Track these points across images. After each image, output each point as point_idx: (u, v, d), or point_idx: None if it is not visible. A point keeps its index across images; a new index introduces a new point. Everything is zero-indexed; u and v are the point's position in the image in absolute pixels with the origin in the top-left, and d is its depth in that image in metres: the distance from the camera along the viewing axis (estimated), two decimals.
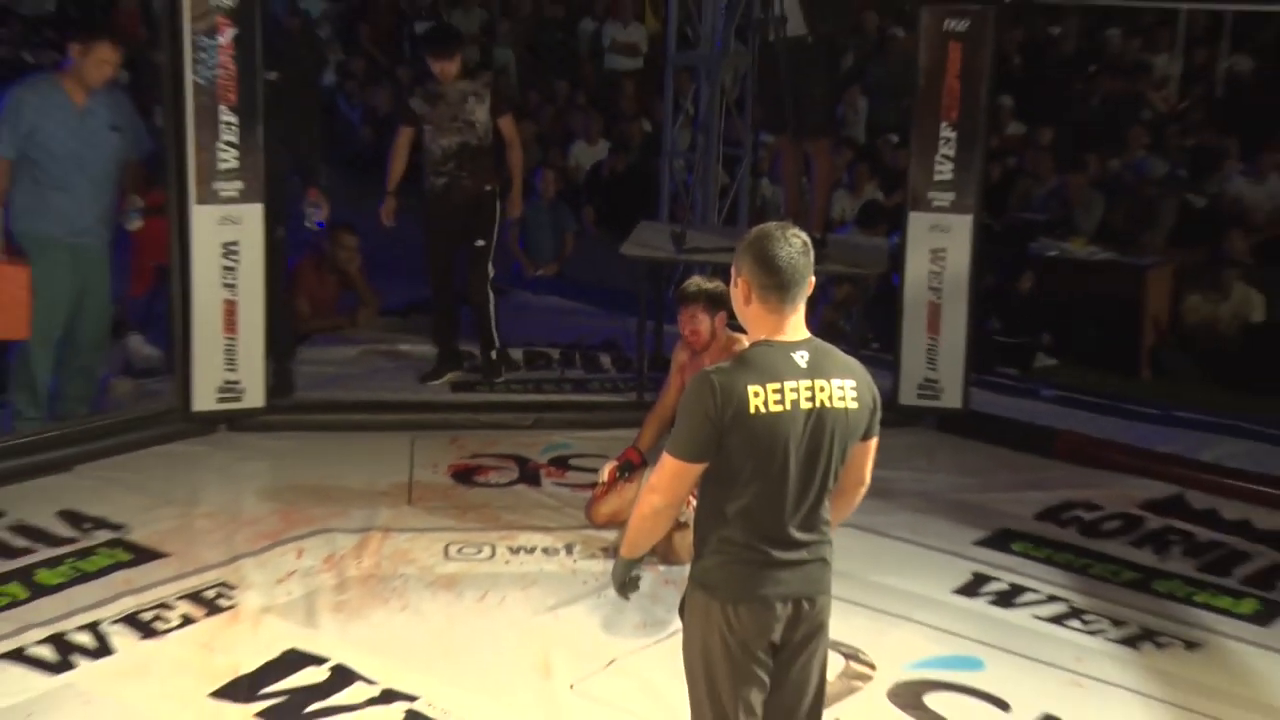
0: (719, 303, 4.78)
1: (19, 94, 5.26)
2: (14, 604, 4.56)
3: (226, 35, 5.38)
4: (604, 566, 5.04)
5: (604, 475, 5.23)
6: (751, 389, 2.88)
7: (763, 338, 2.97)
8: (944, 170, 5.98)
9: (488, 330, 6.31)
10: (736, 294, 2.99)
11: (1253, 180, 8.95)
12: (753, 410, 2.91)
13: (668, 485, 3.10)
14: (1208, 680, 4.36)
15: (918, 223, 6.06)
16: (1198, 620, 4.74)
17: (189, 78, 5.42)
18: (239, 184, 5.63)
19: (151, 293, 6.50)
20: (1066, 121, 9.97)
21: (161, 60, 5.66)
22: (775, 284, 2.91)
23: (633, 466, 5.13)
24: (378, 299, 7.56)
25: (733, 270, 2.97)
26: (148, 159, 5.59)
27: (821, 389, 2.98)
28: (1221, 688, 4.34)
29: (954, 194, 5.98)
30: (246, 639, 4.58)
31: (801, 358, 2.93)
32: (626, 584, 3.28)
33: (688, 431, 3.00)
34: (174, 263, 5.67)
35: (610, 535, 5.24)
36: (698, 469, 2.99)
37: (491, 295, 6.42)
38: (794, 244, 2.87)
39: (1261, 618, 4.67)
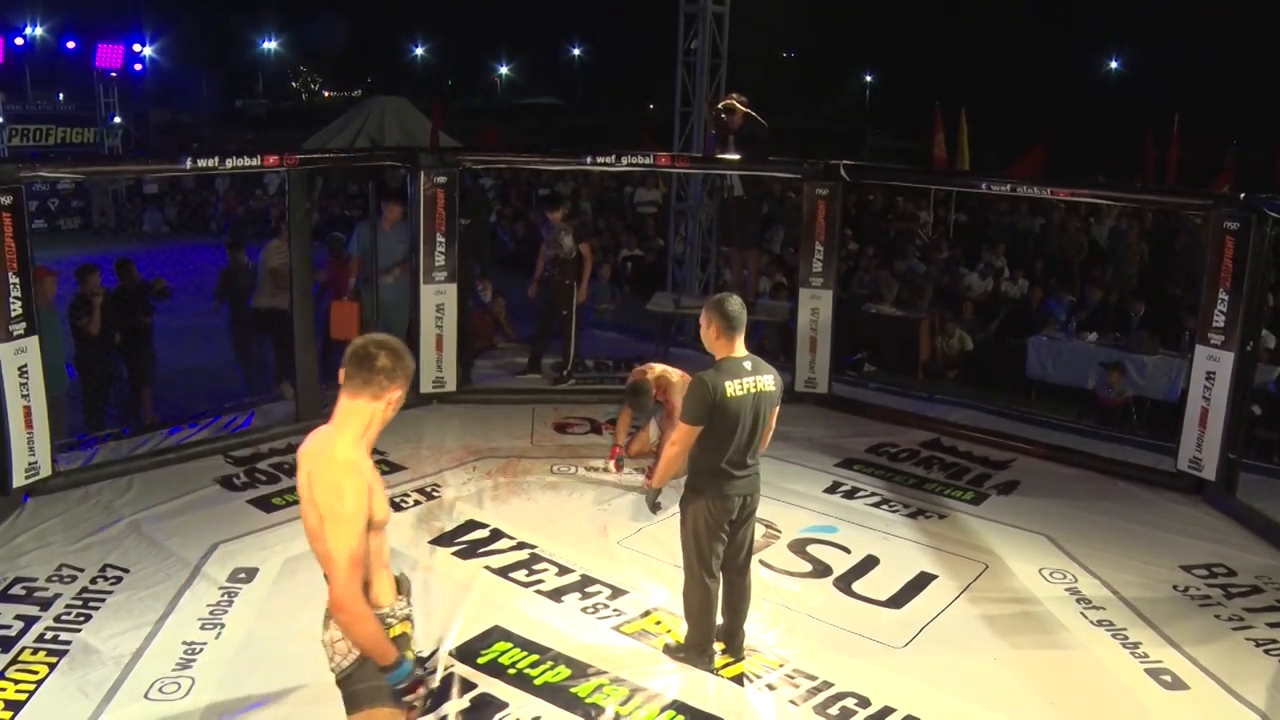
0: (641, 394, 6.67)
1: (358, 226, 8.52)
2: None
3: (440, 199, 8.10)
4: (638, 480, 6.76)
5: (610, 462, 6.99)
6: (726, 383, 4.28)
7: (725, 355, 4.35)
8: (817, 266, 8.41)
9: (568, 352, 8.74)
10: (708, 333, 4.35)
11: (978, 274, 12.54)
12: (729, 395, 4.29)
13: (682, 441, 4.41)
14: (949, 533, 6.28)
15: (804, 294, 8.49)
16: (944, 503, 6.75)
17: (422, 220, 8.08)
18: (445, 273, 8.15)
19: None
20: (878, 242, 13.87)
21: (413, 210, 8.17)
22: (729, 325, 4.31)
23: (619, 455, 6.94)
24: (514, 332, 10.30)
25: (703, 318, 4.36)
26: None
27: (756, 382, 4.36)
28: (953, 536, 6.25)
29: (823, 279, 8.39)
30: (446, 513, 6.34)
31: (746, 364, 4.34)
32: (654, 504, 5.04)
33: (695, 409, 4.30)
34: (413, 313, 8.12)
35: (641, 463, 6.96)
36: (698, 430, 4.32)
37: (574, 333, 8.73)
38: (736, 303, 4.33)
39: (975, 501, 6.81)
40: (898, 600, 5.53)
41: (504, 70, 56.01)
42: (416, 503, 6.55)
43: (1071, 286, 12.33)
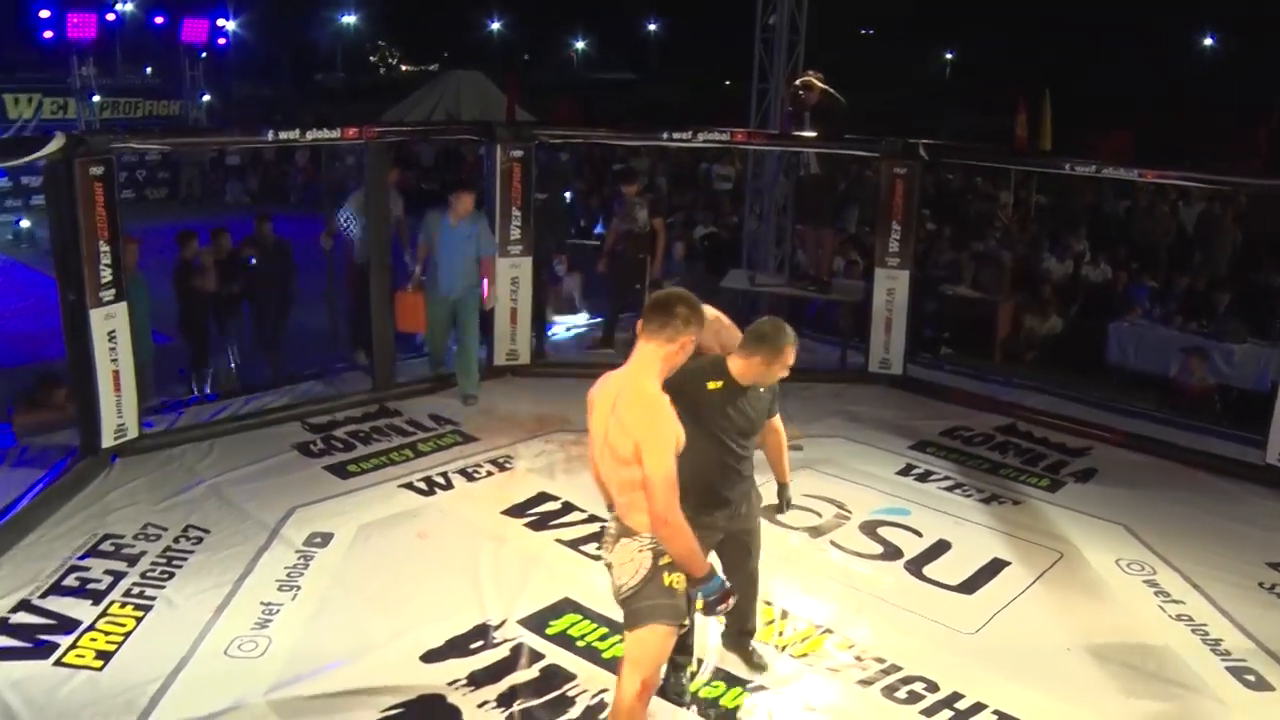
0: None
1: (428, 214, 7.82)
2: (406, 460, 6.70)
3: (516, 173, 8.13)
4: None
5: None
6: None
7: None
8: (894, 246, 8.34)
9: None
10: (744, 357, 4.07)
11: (1056, 259, 12.25)
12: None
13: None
14: (1023, 520, 6.18)
15: (880, 274, 8.45)
16: (1020, 490, 6.65)
17: (498, 195, 8.15)
18: (520, 246, 8.25)
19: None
20: (955, 223, 13.67)
21: (489, 183, 8.24)
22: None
23: None
24: (588, 308, 10.35)
25: (748, 346, 4.06)
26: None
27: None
28: (1028, 523, 6.15)
29: (899, 259, 8.33)
30: (519, 484, 6.39)
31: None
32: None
33: None
34: (488, 290, 7.86)
35: None
36: None
37: None
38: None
39: (1051, 488, 6.72)
40: (969, 586, 5.47)
41: (580, 45, 56.00)
42: (489, 474, 6.66)
43: (1156, 272, 12.01)
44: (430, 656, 4.66)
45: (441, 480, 6.52)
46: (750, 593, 4.45)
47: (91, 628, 4.80)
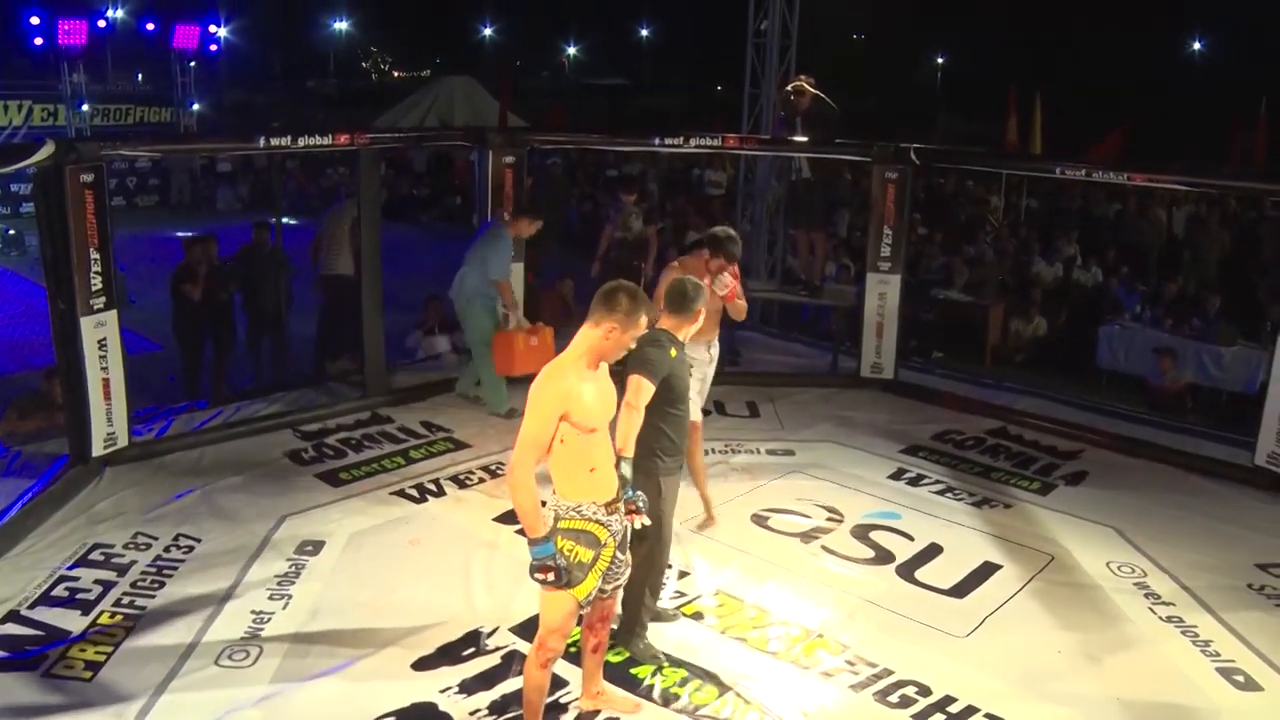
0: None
1: (501, 241, 7.54)
2: (398, 468, 6.71)
3: (509, 179, 8.13)
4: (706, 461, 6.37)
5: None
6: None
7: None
8: (886, 251, 8.37)
9: None
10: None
11: (1047, 263, 12.32)
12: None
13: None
14: (1015, 524, 6.23)
15: (872, 279, 8.46)
16: (1011, 493, 6.70)
17: (490, 192, 8.22)
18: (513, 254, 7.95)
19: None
20: (946, 227, 13.75)
21: (480, 190, 8.34)
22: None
23: None
24: (579, 312, 10.47)
25: (685, 306, 4.50)
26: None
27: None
28: (1019, 527, 6.20)
29: (891, 263, 8.35)
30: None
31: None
32: None
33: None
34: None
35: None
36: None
37: None
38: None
39: (1042, 491, 6.73)
40: (961, 589, 5.47)
41: (572, 50, 56.03)
42: (481, 481, 6.65)
43: (1147, 275, 12.04)
44: (422, 664, 4.65)
45: (434, 487, 6.53)
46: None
47: (81, 638, 4.79)
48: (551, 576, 3.66)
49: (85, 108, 19.85)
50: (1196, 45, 43.06)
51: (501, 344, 7.47)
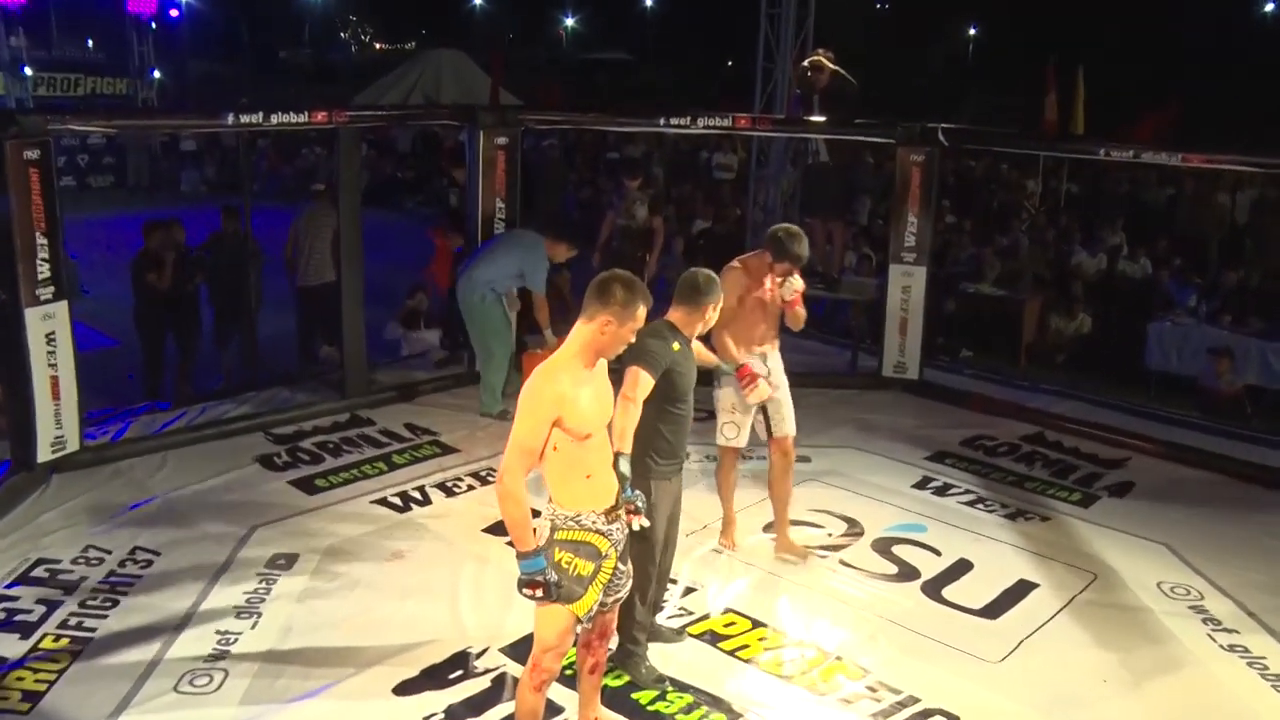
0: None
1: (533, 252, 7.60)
2: (379, 474, 6.73)
3: (500, 160, 8.20)
4: (709, 468, 6.40)
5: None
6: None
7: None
8: (910, 240, 8.41)
9: None
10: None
11: (1089, 254, 12.29)
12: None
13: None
14: (1051, 538, 6.19)
15: (895, 270, 8.48)
16: (1048, 504, 6.68)
17: (480, 180, 8.18)
18: (504, 226, 8.21)
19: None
20: (977, 215, 13.80)
21: (471, 173, 8.26)
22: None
23: None
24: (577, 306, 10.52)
25: (695, 299, 4.63)
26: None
27: None
28: (1058, 542, 6.15)
29: (915, 254, 8.38)
30: None
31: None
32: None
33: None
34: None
35: None
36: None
37: None
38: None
39: (1083, 503, 6.74)
40: (993, 610, 5.45)
41: (570, 22, 56.01)
42: (470, 488, 6.66)
43: (1204, 266, 12.00)
44: (405, 688, 4.63)
45: (418, 495, 6.53)
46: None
47: (19, 664, 4.69)
48: (540, 593, 3.68)
49: (28, 74, 19.52)
50: (1270, 5, 41.95)
51: (531, 364, 7.50)
